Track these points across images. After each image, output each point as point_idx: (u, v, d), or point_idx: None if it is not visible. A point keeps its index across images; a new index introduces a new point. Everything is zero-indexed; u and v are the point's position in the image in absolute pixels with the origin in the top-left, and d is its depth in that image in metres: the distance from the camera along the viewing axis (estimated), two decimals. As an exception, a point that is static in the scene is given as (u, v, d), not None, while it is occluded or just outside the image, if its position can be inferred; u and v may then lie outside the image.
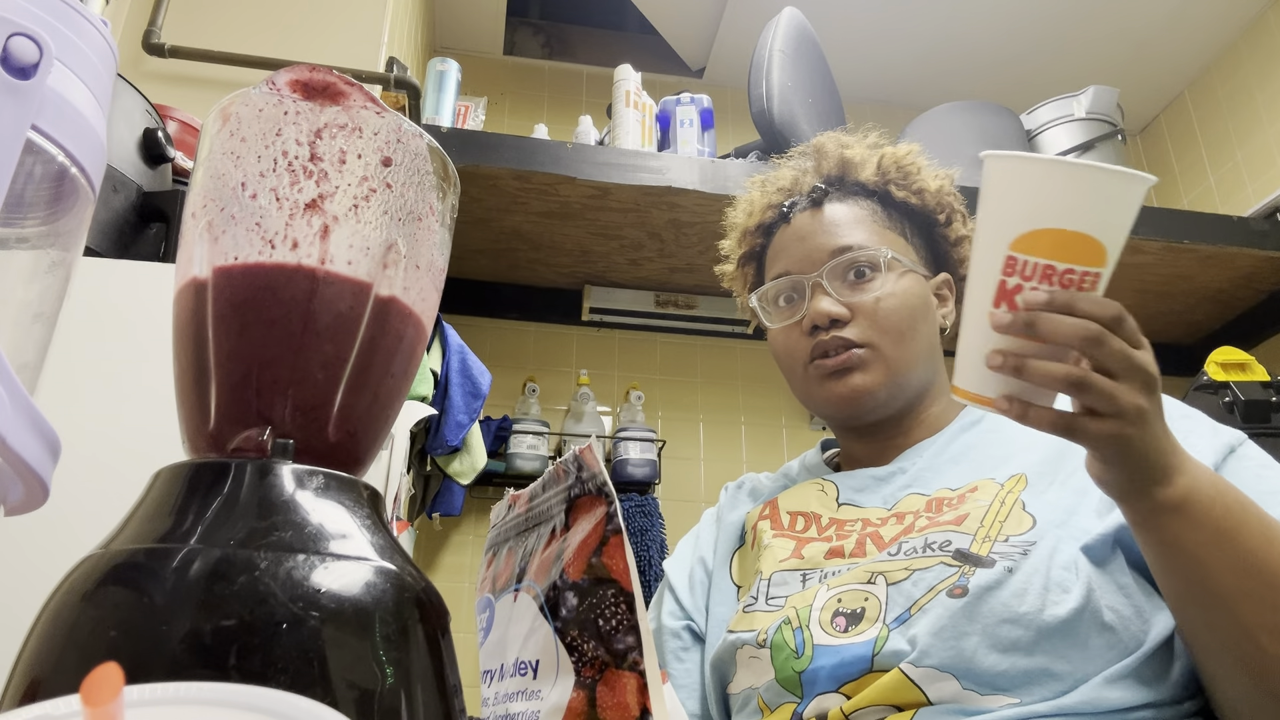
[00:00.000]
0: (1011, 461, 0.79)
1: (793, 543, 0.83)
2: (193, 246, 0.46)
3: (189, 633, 0.34)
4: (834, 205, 0.91)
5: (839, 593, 0.73)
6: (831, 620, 0.72)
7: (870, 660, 0.68)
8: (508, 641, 0.46)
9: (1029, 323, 0.57)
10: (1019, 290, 0.58)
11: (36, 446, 0.34)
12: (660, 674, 0.38)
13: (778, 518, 0.88)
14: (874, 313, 0.85)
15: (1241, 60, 2.41)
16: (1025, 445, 0.81)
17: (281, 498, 0.40)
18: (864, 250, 0.87)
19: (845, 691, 0.68)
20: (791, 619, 0.74)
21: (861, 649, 0.68)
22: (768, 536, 0.86)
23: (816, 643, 0.71)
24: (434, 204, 0.49)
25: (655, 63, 2.68)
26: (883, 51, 2.54)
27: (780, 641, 0.73)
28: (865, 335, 0.84)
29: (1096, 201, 0.57)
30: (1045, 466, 0.77)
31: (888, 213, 0.92)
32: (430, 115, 1.87)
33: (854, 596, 0.72)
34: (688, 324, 2.25)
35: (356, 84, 0.47)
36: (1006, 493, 0.75)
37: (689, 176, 1.78)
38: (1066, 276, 0.57)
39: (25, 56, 0.33)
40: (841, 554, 0.78)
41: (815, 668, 0.70)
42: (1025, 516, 0.72)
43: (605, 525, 0.41)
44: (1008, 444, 0.82)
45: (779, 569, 0.80)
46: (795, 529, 0.86)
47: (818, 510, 0.86)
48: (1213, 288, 2.09)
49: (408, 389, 0.49)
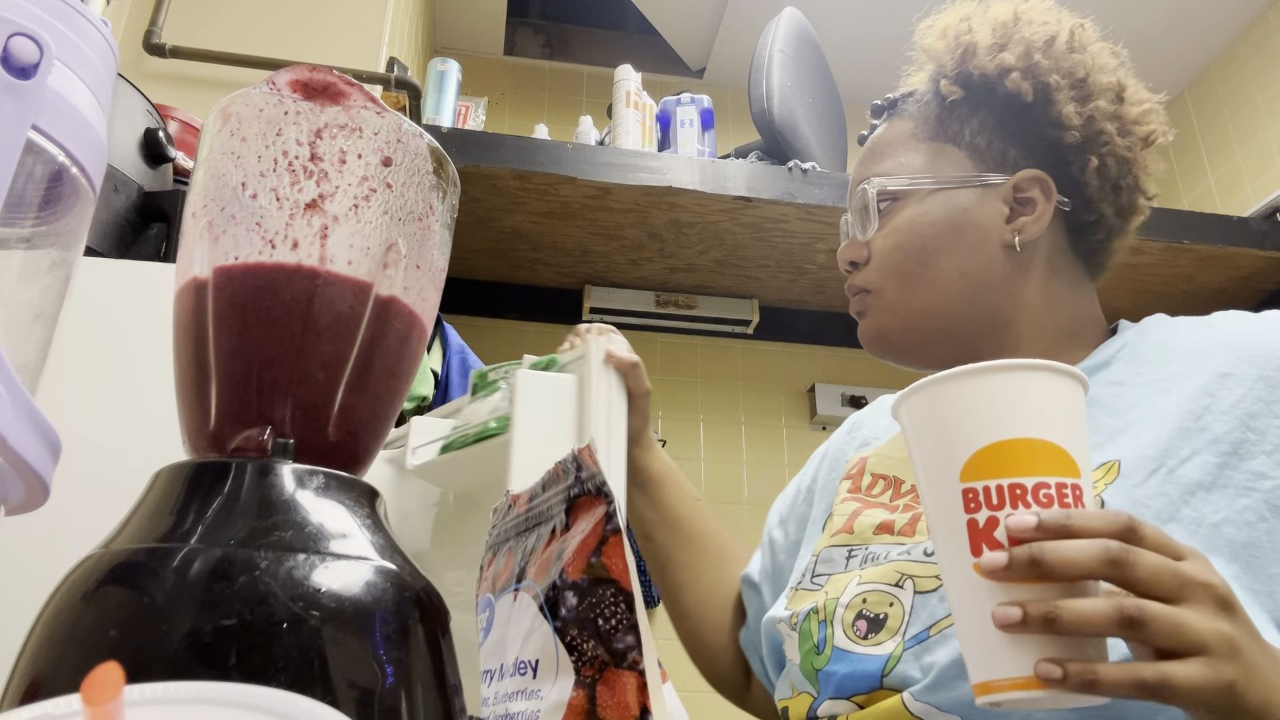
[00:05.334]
0: (1120, 437, 0.63)
1: (854, 507, 0.76)
2: (193, 246, 0.46)
3: (189, 632, 0.34)
4: (886, 125, 0.81)
5: (866, 591, 0.67)
6: (854, 622, 0.66)
7: (879, 679, 0.63)
8: (507, 641, 0.46)
9: (1032, 558, 0.43)
10: (995, 525, 0.45)
11: (37, 446, 0.34)
12: (660, 673, 0.38)
13: (859, 478, 0.80)
14: (879, 253, 0.76)
15: (1241, 60, 2.41)
16: (1145, 414, 0.63)
17: (282, 497, 0.40)
18: (865, 184, 0.77)
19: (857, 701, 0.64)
20: (820, 609, 0.69)
21: (872, 664, 0.63)
22: (839, 500, 0.79)
23: (836, 644, 0.66)
24: (434, 204, 0.49)
25: (655, 63, 2.68)
26: (883, 51, 2.53)
27: (806, 631, 0.69)
28: (869, 278, 0.76)
29: (1027, 400, 0.47)
30: (1155, 448, 0.60)
31: (943, 114, 0.77)
32: (430, 115, 1.87)
33: (880, 599, 0.66)
34: (688, 324, 2.25)
35: (357, 84, 0.47)
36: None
37: (689, 176, 1.78)
38: (1041, 493, 0.45)
39: (25, 56, 0.33)
40: (891, 530, 0.70)
41: (830, 670, 0.66)
42: None
43: (605, 525, 0.41)
44: (1129, 409, 0.65)
45: (829, 544, 0.75)
46: (871, 493, 0.77)
47: (902, 475, 0.76)
48: (1213, 288, 2.09)
49: (408, 389, 0.50)
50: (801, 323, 2.29)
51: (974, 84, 0.75)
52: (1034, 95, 0.73)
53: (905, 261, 0.74)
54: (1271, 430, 0.59)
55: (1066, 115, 0.73)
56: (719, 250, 2.01)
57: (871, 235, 0.76)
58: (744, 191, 1.79)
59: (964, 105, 0.76)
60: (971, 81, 0.76)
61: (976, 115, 0.76)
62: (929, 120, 0.77)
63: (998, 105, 0.75)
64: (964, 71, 0.76)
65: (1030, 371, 0.48)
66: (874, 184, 0.76)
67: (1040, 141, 0.74)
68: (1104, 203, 0.74)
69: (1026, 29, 0.75)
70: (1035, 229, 0.73)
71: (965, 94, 0.76)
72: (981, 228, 0.73)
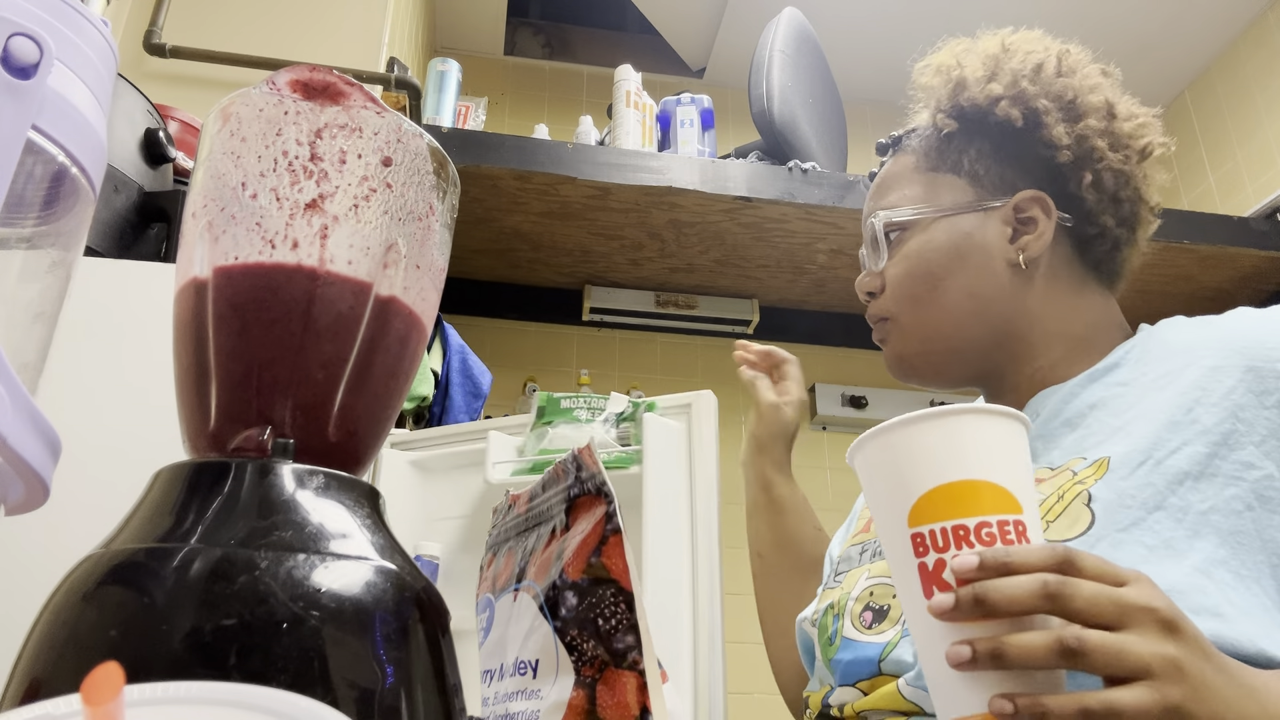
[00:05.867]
0: (1117, 434, 0.64)
1: None
2: (193, 246, 0.46)
3: (189, 632, 0.34)
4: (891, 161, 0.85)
5: (874, 584, 0.70)
6: (861, 614, 0.69)
7: (877, 664, 0.65)
8: (507, 641, 0.46)
9: (976, 597, 0.44)
10: (942, 566, 0.47)
11: (37, 446, 0.34)
12: (660, 673, 0.38)
13: None
14: (892, 281, 0.79)
15: (1241, 60, 2.41)
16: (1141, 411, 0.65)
17: (282, 497, 0.40)
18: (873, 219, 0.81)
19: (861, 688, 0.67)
20: (835, 604, 0.72)
21: (871, 651, 0.66)
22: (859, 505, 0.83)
23: (845, 634, 0.69)
24: (434, 204, 0.49)
25: (656, 63, 2.68)
26: (883, 51, 2.54)
27: (823, 625, 0.73)
28: (885, 306, 0.80)
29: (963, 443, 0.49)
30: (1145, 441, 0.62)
31: (942, 145, 0.81)
32: (431, 115, 1.87)
33: (884, 591, 0.69)
34: (688, 324, 2.25)
35: (357, 84, 0.47)
36: (1075, 483, 0.62)
37: (689, 176, 1.78)
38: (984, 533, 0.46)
39: (25, 56, 0.33)
40: None
41: (838, 659, 0.69)
42: (1084, 514, 0.60)
43: (605, 525, 0.41)
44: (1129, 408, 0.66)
45: (851, 543, 0.79)
46: None
47: None
48: (1213, 288, 2.09)
49: (408, 389, 0.50)
50: (801, 323, 2.29)
51: (967, 115, 0.79)
52: (1024, 120, 0.77)
53: (916, 286, 0.78)
54: (1260, 421, 0.60)
55: (1057, 136, 0.76)
56: (719, 250, 2.01)
57: (884, 265, 0.80)
58: (744, 191, 1.79)
59: (960, 136, 0.80)
60: (965, 113, 0.79)
61: (973, 144, 0.79)
62: (929, 153, 0.81)
63: (992, 133, 0.79)
64: (957, 104, 0.80)
65: (968, 415, 0.49)
66: (880, 217, 0.80)
67: (1035, 163, 0.78)
68: (1105, 215, 0.77)
69: (1014, 59, 0.79)
70: (1038, 246, 0.76)
71: (960, 125, 0.80)
72: (986, 249, 0.76)
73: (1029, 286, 0.76)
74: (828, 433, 2.28)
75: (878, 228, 0.80)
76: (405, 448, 1.36)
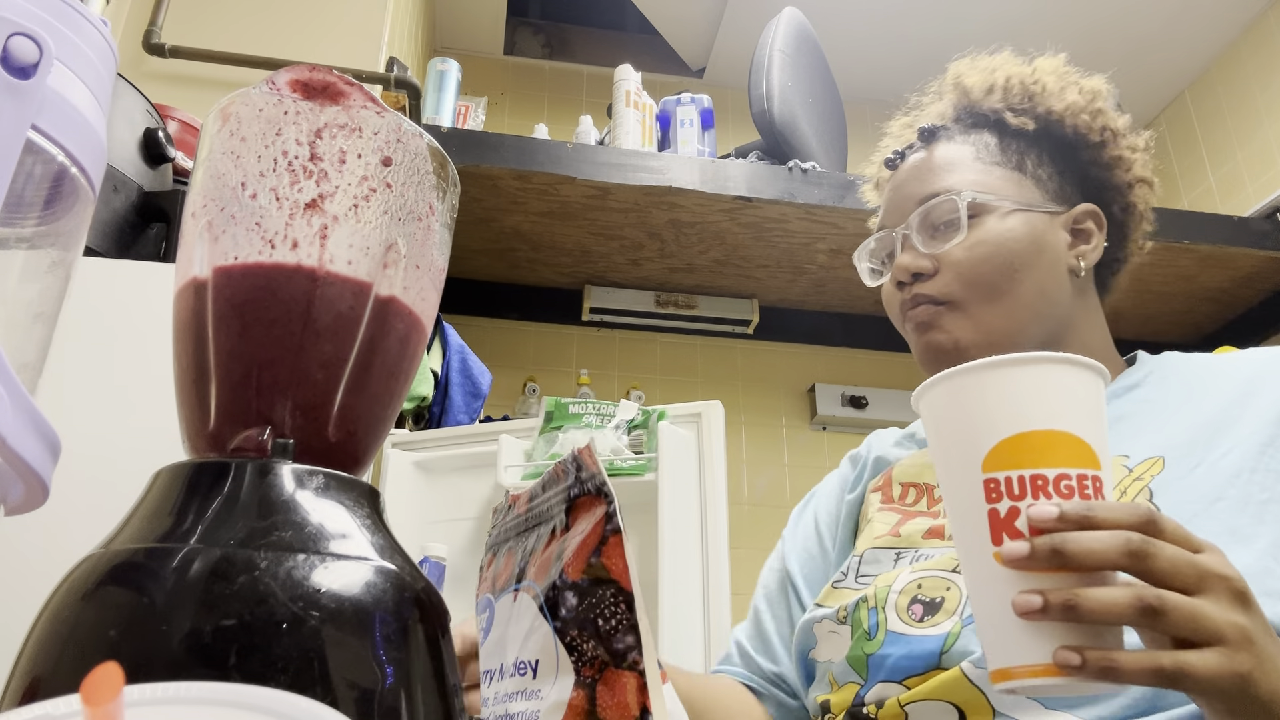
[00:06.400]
0: (1159, 435, 0.67)
1: (896, 518, 0.78)
2: (193, 246, 0.46)
3: (189, 632, 0.34)
4: (938, 147, 0.82)
5: (920, 577, 0.69)
6: (909, 607, 0.68)
7: (938, 657, 0.64)
8: (507, 641, 0.46)
9: (1054, 548, 0.44)
10: (1016, 514, 0.46)
11: (36, 446, 0.34)
12: (660, 674, 0.38)
13: (889, 489, 0.83)
14: (958, 264, 0.76)
15: (1241, 60, 2.41)
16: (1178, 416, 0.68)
17: (281, 498, 0.40)
18: (946, 195, 0.78)
19: (907, 684, 0.65)
20: (869, 598, 0.71)
21: (931, 644, 0.64)
22: (874, 509, 0.81)
23: (890, 628, 0.68)
24: (434, 204, 0.49)
25: (655, 63, 2.68)
26: (883, 52, 2.54)
27: (857, 620, 0.70)
28: (947, 289, 0.76)
29: (1049, 392, 0.48)
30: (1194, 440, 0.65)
31: (1004, 144, 0.81)
32: (430, 115, 1.87)
33: (935, 584, 0.67)
34: (688, 324, 2.25)
35: (356, 84, 0.47)
36: (1133, 480, 0.64)
37: (689, 176, 1.78)
38: (1062, 484, 0.46)
39: (25, 56, 0.33)
40: (942, 534, 0.72)
41: (883, 654, 0.67)
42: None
43: (605, 525, 0.41)
44: (1160, 413, 0.70)
45: (873, 545, 0.77)
46: (905, 502, 0.79)
47: (931, 481, 0.79)
48: (1213, 288, 2.09)
49: (408, 389, 0.50)
50: (801, 323, 2.29)
51: (1040, 119, 0.82)
52: (1099, 136, 0.81)
53: (994, 274, 0.76)
54: None
55: (1123, 157, 0.81)
56: (719, 250, 2.01)
57: (947, 247, 0.77)
58: (744, 191, 1.79)
59: (1023, 138, 0.82)
60: (1039, 118, 0.82)
61: (1034, 149, 0.81)
62: (989, 147, 0.81)
63: (1057, 142, 0.82)
64: (1032, 109, 0.82)
65: (1052, 364, 0.49)
66: (964, 195, 0.77)
67: (1088, 181, 0.82)
68: (1133, 240, 0.84)
69: (1081, 80, 0.83)
70: (1094, 257, 0.79)
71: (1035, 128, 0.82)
72: (1055, 250, 0.78)
73: (1078, 296, 0.79)
74: (827, 433, 2.28)
75: (961, 205, 0.76)
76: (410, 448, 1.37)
